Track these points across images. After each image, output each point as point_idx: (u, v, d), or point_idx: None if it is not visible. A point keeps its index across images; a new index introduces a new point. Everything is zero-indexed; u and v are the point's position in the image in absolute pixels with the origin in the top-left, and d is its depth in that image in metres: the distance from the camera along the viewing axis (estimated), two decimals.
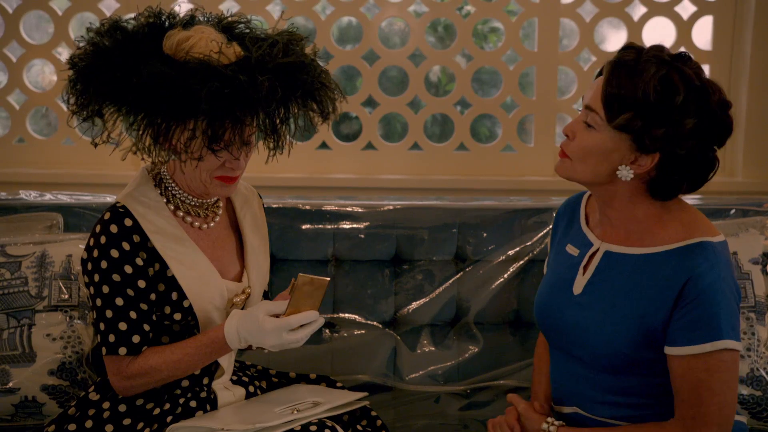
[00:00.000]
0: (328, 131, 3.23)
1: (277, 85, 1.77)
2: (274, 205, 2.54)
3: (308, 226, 2.56)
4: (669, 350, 1.79)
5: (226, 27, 1.92)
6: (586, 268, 1.90)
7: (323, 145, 3.25)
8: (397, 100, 3.24)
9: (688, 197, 2.80)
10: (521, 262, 2.57)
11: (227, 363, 2.04)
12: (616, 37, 3.57)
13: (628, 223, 1.86)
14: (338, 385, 2.15)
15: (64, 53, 3.31)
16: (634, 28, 3.20)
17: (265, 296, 2.16)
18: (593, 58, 3.24)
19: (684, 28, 3.20)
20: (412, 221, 2.58)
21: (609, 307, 1.84)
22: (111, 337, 1.88)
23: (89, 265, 1.90)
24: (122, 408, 1.94)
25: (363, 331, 2.55)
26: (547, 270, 2.04)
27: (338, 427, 1.90)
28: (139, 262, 1.89)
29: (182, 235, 1.94)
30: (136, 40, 1.83)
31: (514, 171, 3.24)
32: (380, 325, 2.56)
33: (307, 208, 2.58)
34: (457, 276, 2.57)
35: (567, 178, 1.86)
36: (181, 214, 1.97)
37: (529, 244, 2.57)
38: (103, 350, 1.90)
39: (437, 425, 2.32)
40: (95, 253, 1.89)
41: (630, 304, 1.82)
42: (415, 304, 2.57)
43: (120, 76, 1.78)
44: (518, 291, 2.56)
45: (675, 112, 1.73)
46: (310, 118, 1.88)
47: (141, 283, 1.89)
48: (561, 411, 1.99)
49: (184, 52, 1.81)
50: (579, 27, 3.21)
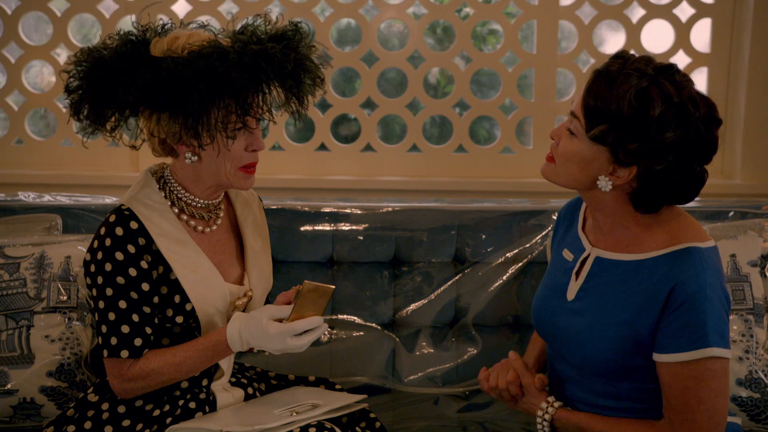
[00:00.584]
0: (326, 133, 3.24)
1: (283, 48, 1.84)
2: (273, 207, 2.54)
3: (307, 228, 2.57)
4: (657, 357, 1.79)
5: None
6: (578, 273, 1.91)
7: (322, 147, 3.26)
8: (396, 102, 3.24)
9: None
10: (520, 264, 2.57)
11: (227, 364, 2.04)
12: (615, 39, 3.57)
13: (616, 229, 1.86)
14: (337, 387, 2.15)
15: (62, 54, 3.31)
16: (633, 31, 3.21)
17: (268, 300, 2.16)
18: (592, 60, 3.24)
19: (682, 31, 3.21)
20: (411, 223, 2.58)
21: (599, 314, 1.85)
22: (113, 340, 1.88)
23: (93, 267, 1.90)
24: (121, 409, 1.94)
25: (362, 333, 2.55)
26: (546, 273, 2.05)
27: (337, 429, 1.91)
28: (144, 265, 1.89)
29: (186, 238, 1.94)
30: (128, 53, 1.85)
31: (513, 173, 3.24)
32: (379, 327, 2.56)
33: (306, 209, 2.58)
34: (456, 278, 2.57)
35: (549, 180, 1.87)
36: (185, 218, 1.97)
37: (528, 246, 2.57)
38: (105, 353, 1.90)
39: (436, 427, 2.32)
40: (99, 255, 1.89)
41: (619, 311, 1.82)
42: (413, 306, 2.57)
43: (139, 83, 1.80)
44: (517, 293, 2.56)
45: (651, 127, 1.72)
46: (315, 84, 1.93)
47: (144, 286, 1.89)
48: None
49: (180, 49, 1.82)
50: (578, 29, 3.21)
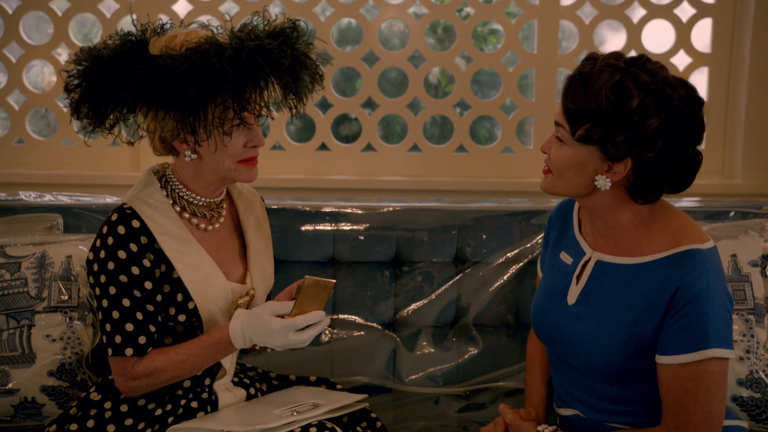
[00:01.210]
0: (327, 132, 3.24)
1: (283, 45, 1.84)
2: (274, 206, 2.54)
3: (308, 228, 2.57)
4: (659, 359, 1.79)
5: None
6: (579, 277, 1.90)
7: (323, 146, 3.26)
8: (397, 102, 3.24)
9: (686, 199, 2.83)
10: (521, 264, 2.57)
11: (229, 364, 2.04)
12: (616, 39, 3.57)
13: (615, 232, 1.86)
14: (338, 387, 2.16)
15: (63, 54, 3.31)
16: (634, 31, 3.21)
17: (269, 299, 2.16)
18: None
19: (683, 31, 3.21)
20: (411, 223, 2.58)
21: (602, 318, 1.84)
22: (117, 338, 1.88)
23: (95, 266, 1.90)
24: (124, 408, 1.95)
25: (362, 333, 2.55)
26: (542, 276, 2.04)
27: (338, 429, 1.91)
28: (146, 263, 1.89)
29: (188, 237, 1.95)
30: (127, 52, 1.85)
31: (514, 173, 3.24)
32: (380, 327, 2.56)
33: (307, 209, 2.58)
34: (457, 278, 2.57)
35: (550, 193, 1.87)
36: (187, 216, 1.97)
37: (529, 246, 2.57)
38: (109, 351, 1.90)
39: (437, 427, 2.32)
40: (102, 254, 1.89)
41: (622, 314, 1.82)
42: (414, 306, 2.57)
43: (136, 80, 1.81)
44: (518, 293, 2.56)
45: (633, 117, 1.72)
46: (314, 80, 1.94)
47: (147, 285, 1.89)
48: (562, 413, 1.99)
49: (179, 46, 1.83)
50: (578, 29, 3.21)
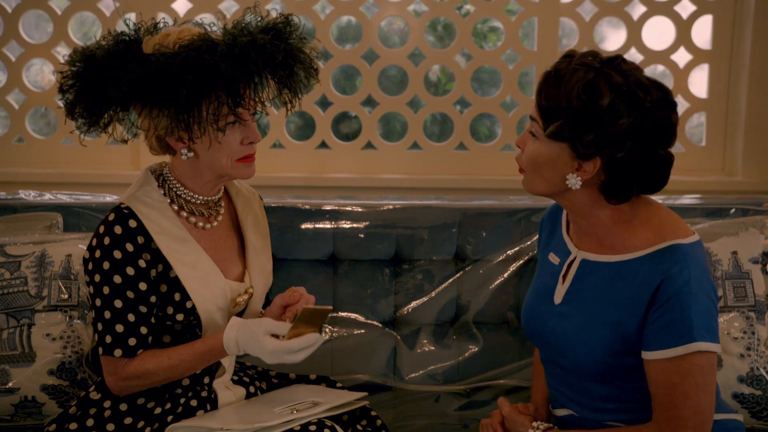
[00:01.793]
0: (327, 131, 3.24)
1: (276, 41, 1.83)
2: (274, 205, 2.54)
3: (308, 226, 2.57)
4: (645, 355, 1.79)
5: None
6: (565, 277, 1.91)
7: (323, 145, 3.26)
8: (397, 100, 3.24)
9: (687, 196, 2.84)
10: (521, 262, 2.57)
11: (228, 362, 2.04)
12: (616, 36, 3.57)
13: (597, 230, 1.85)
14: (338, 385, 2.15)
15: (63, 52, 3.30)
16: (634, 28, 3.20)
17: (267, 298, 2.16)
18: None
19: (683, 28, 3.20)
20: (411, 221, 2.58)
21: (587, 316, 1.84)
22: (107, 338, 1.89)
23: (90, 265, 1.90)
24: (123, 407, 1.95)
25: (363, 331, 2.55)
26: (534, 278, 2.04)
27: (338, 427, 1.91)
28: (142, 263, 1.89)
29: (185, 236, 1.95)
30: (121, 51, 1.85)
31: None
32: (380, 325, 2.56)
33: (307, 207, 2.58)
34: (457, 275, 2.57)
35: (528, 192, 1.87)
36: (185, 215, 1.97)
37: (529, 243, 2.57)
38: (100, 350, 1.90)
39: (437, 425, 2.32)
40: (98, 254, 1.89)
41: (606, 311, 1.82)
42: (414, 304, 2.57)
43: (128, 78, 1.81)
44: (518, 290, 2.56)
45: (603, 116, 1.72)
46: (308, 75, 1.93)
47: (142, 286, 1.89)
48: (557, 414, 1.99)
49: (172, 44, 1.83)
50: (578, 26, 3.21)
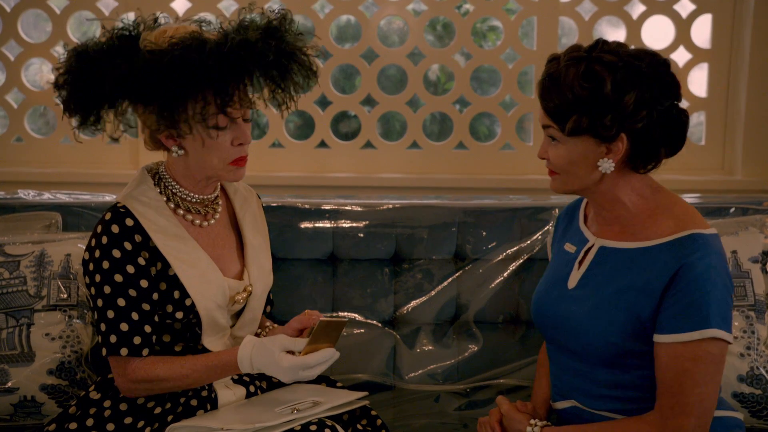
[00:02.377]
0: (326, 130, 3.23)
1: (269, 39, 1.82)
2: (273, 204, 2.54)
3: (307, 225, 2.56)
4: (657, 338, 1.81)
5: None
6: (581, 263, 1.93)
7: (322, 144, 3.25)
8: (396, 99, 3.24)
9: (686, 195, 2.83)
10: (521, 261, 2.57)
11: None
12: (615, 35, 3.56)
13: (622, 219, 1.90)
14: (338, 384, 2.15)
15: (62, 52, 3.30)
16: (633, 27, 3.20)
17: (269, 298, 2.16)
18: None
19: (683, 27, 3.20)
20: (411, 220, 2.58)
21: (601, 300, 1.87)
22: (112, 338, 1.88)
23: (91, 266, 1.90)
24: (123, 407, 1.94)
25: (362, 330, 2.55)
26: (546, 271, 2.06)
27: (338, 427, 1.90)
28: (141, 261, 1.89)
29: (183, 234, 1.94)
30: (116, 47, 1.85)
31: (514, 169, 3.24)
32: (380, 324, 2.56)
33: (306, 206, 2.58)
34: (457, 275, 2.57)
35: (563, 192, 1.92)
36: (181, 212, 1.97)
37: (529, 242, 2.57)
38: (103, 351, 1.90)
39: (437, 424, 2.32)
40: (97, 254, 1.89)
41: (621, 295, 1.85)
42: (414, 303, 2.57)
43: (119, 72, 1.80)
44: (518, 289, 2.56)
45: (611, 96, 1.78)
46: (305, 76, 1.91)
47: (143, 283, 1.89)
48: (558, 407, 2.00)
49: (165, 41, 1.82)
50: (578, 25, 3.21)
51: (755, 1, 3.12)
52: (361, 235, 2.56)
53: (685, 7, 3.20)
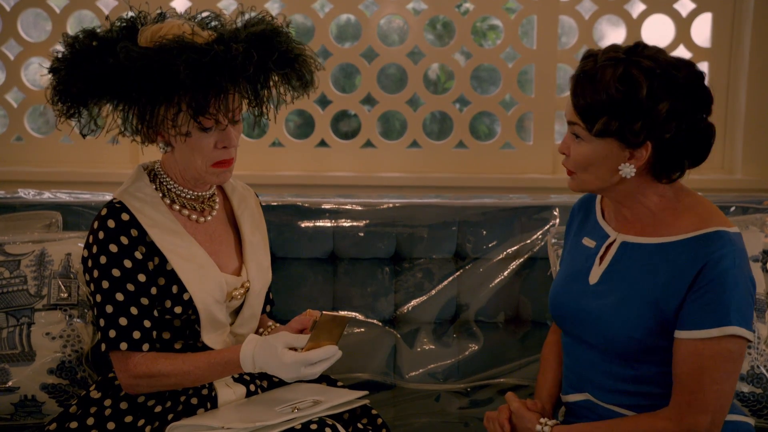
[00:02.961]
0: (326, 129, 3.23)
1: (252, 50, 1.81)
2: (273, 203, 2.54)
3: (307, 224, 2.56)
4: (678, 334, 1.81)
5: (199, 24, 1.94)
6: (602, 258, 1.93)
7: (322, 143, 3.25)
8: (396, 98, 3.23)
9: None
10: (521, 260, 2.57)
11: None
12: (615, 34, 3.56)
13: (643, 216, 1.90)
14: (339, 384, 2.15)
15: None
16: (633, 26, 3.20)
17: (268, 297, 2.16)
18: None
19: (683, 25, 3.20)
20: (411, 219, 2.58)
21: (624, 295, 1.87)
22: (111, 333, 1.88)
23: (89, 262, 1.90)
24: (124, 405, 1.94)
25: (363, 330, 2.55)
26: (561, 264, 2.07)
27: (339, 426, 1.90)
28: (138, 255, 1.89)
29: (179, 229, 1.95)
30: (111, 40, 1.85)
31: (514, 168, 3.24)
32: (380, 324, 2.56)
33: (307, 206, 2.57)
34: (457, 274, 2.57)
35: (580, 191, 1.92)
36: (177, 208, 1.98)
37: (529, 241, 2.57)
38: (103, 346, 1.90)
39: (438, 423, 2.32)
40: (94, 249, 1.89)
41: (645, 290, 1.85)
42: (414, 302, 2.57)
43: (99, 68, 1.81)
44: (518, 288, 2.56)
45: (645, 103, 1.77)
46: (293, 89, 1.91)
47: (141, 277, 1.89)
48: (570, 399, 2.00)
49: (158, 38, 1.82)
50: (578, 24, 3.20)
51: (755, 0, 3.12)
52: (362, 235, 2.56)
53: (685, 6, 3.20)
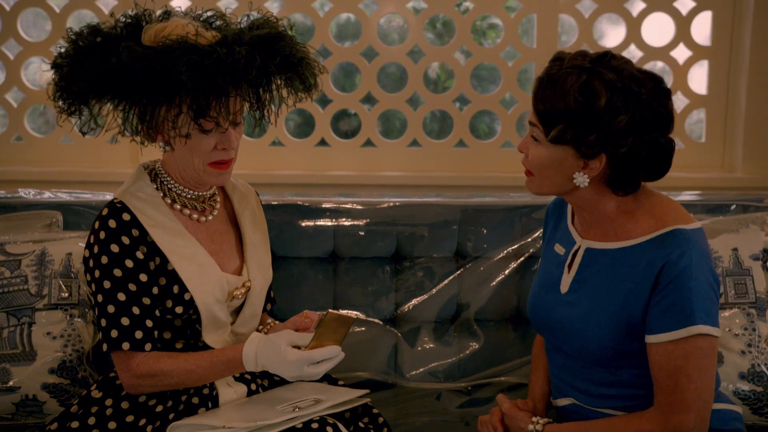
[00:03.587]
0: (326, 128, 3.23)
1: (255, 53, 1.80)
2: (274, 203, 2.53)
3: (308, 223, 2.56)
4: (648, 339, 1.82)
5: (204, 21, 1.94)
6: (570, 266, 1.93)
7: (322, 142, 3.25)
8: (396, 97, 3.23)
9: (687, 193, 2.84)
10: (521, 259, 2.57)
11: None
12: (615, 32, 3.57)
13: (602, 221, 1.89)
14: (340, 383, 2.15)
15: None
16: (633, 24, 3.20)
17: (269, 296, 2.16)
18: None
19: (683, 24, 3.20)
20: (412, 218, 2.58)
21: (593, 303, 1.87)
22: (113, 333, 1.88)
23: (91, 262, 1.90)
24: (125, 405, 1.94)
25: (363, 329, 2.55)
26: (537, 271, 2.06)
27: (340, 425, 1.90)
28: (140, 255, 1.89)
29: (180, 229, 1.95)
30: (115, 38, 1.85)
31: (514, 167, 3.22)
32: (381, 322, 2.56)
33: (307, 205, 2.57)
34: (458, 273, 2.57)
35: (535, 193, 1.90)
36: (178, 207, 1.98)
37: (530, 240, 2.57)
38: (104, 347, 1.90)
39: (438, 422, 2.32)
40: (95, 249, 1.89)
41: (611, 298, 1.85)
42: (415, 301, 2.57)
43: (101, 66, 1.80)
44: (519, 287, 2.56)
45: (602, 115, 1.75)
46: (295, 92, 1.91)
47: (143, 277, 1.89)
48: (558, 404, 2.01)
49: (162, 38, 1.82)
50: (578, 23, 3.20)
51: None
52: (362, 234, 2.56)
53: (685, 5, 3.20)
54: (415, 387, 2.51)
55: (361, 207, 2.58)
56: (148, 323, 1.89)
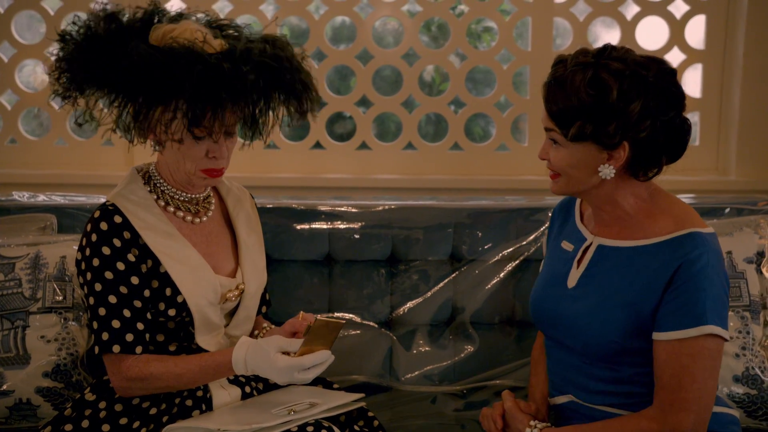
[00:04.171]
0: (321, 131, 3.23)
1: (260, 78, 1.81)
2: (269, 205, 2.53)
3: (303, 226, 2.56)
4: (656, 336, 1.83)
5: (216, 27, 1.93)
6: (579, 262, 1.95)
7: (317, 145, 3.25)
8: (391, 100, 3.23)
9: (681, 195, 2.82)
10: (517, 262, 2.57)
11: None
12: (609, 36, 3.57)
13: (621, 219, 1.91)
14: (335, 386, 2.15)
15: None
16: (627, 28, 3.21)
17: (263, 298, 2.16)
18: None
19: (677, 27, 3.21)
20: (407, 221, 2.58)
21: (602, 298, 1.89)
22: (104, 335, 1.88)
23: (82, 265, 1.90)
24: (118, 407, 1.94)
25: (359, 332, 2.54)
26: (542, 268, 2.08)
27: (335, 428, 1.90)
28: (131, 258, 1.89)
29: (172, 231, 1.95)
30: (127, 31, 1.85)
31: (509, 170, 3.24)
32: (376, 326, 2.56)
33: (302, 208, 2.57)
34: (453, 276, 2.57)
35: (562, 194, 1.95)
36: (172, 210, 1.97)
37: (525, 243, 2.57)
38: (96, 349, 1.89)
39: (434, 425, 2.32)
40: (87, 252, 1.89)
41: (622, 293, 1.86)
42: (410, 304, 2.57)
43: (104, 58, 1.80)
44: (514, 290, 2.56)
45: (617, 104, 1.79)
46: (289, 114, 1.92)
47: (134, 280, 1.89)
48: (556, 402, 2.01)
49: (169, 39, 1.82)
50: (572, 26, 3.21)
51: (749, 2, 3.12)
52: (357, 237, 2.56)
53: (679, 8, 3.21)
54: (410, 390, 2.51)
55: (356, 210, 2.58)
56: (140, 326, 1.89)
